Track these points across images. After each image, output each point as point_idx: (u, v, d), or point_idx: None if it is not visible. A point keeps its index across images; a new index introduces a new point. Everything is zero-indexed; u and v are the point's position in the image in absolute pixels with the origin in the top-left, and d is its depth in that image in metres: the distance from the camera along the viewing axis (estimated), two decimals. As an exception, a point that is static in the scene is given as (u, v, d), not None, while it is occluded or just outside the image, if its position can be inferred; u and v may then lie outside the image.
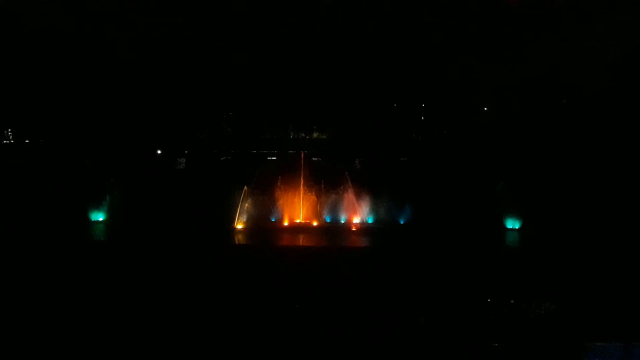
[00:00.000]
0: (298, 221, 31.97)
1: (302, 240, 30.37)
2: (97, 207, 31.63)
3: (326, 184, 32.72)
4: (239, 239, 30.22)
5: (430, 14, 36.82)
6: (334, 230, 31.25)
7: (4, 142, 42.25)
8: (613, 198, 35.82)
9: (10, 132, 41.55)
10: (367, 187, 32.95)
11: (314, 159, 45.54)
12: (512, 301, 20.04)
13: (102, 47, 38.43)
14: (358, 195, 32.23)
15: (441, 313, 19.59)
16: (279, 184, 32.36)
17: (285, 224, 31.65)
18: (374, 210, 32.71)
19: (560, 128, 40.02)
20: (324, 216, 32.22)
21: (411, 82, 41.91)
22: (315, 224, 31.76)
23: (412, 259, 26.48)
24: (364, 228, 31.51)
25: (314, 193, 32.46)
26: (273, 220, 31.73)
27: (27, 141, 41.02)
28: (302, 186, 32.09)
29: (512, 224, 31.30)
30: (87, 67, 38.83)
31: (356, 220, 31.95)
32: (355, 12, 38.01)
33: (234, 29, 37.87)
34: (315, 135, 43.70)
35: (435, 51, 38.90)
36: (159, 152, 40.31)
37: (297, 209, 32.16)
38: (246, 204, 31.38)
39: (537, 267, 24.43)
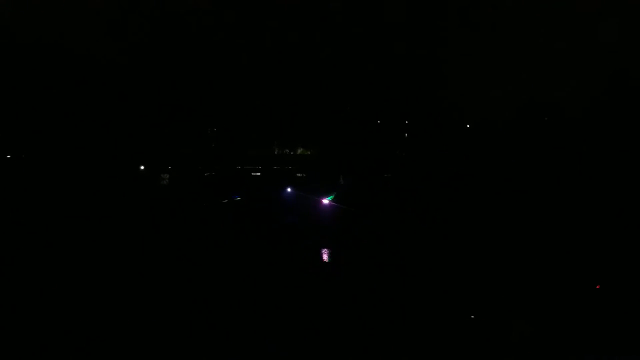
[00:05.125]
0: None
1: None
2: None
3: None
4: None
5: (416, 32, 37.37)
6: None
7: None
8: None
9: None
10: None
11: (298, 174, 45.75)
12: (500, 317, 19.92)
13: (80, 59, 38.12)
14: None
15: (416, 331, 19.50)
16: None
17: None
18: None
19: (544, 145, 40.58)
20: None
21: (395, 100, 42.37)
22: None
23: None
24: None
25: None
26: None
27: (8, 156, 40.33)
28: None
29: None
30: (64, 80, 38.40)
31: None
32: (342, 30, 38.40)
33: (219, 44, 37.91)
34: (299, 151, 43.66)
35: (419, 67, 39.40)
36: (142, 167, 39.85)
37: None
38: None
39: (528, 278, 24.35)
